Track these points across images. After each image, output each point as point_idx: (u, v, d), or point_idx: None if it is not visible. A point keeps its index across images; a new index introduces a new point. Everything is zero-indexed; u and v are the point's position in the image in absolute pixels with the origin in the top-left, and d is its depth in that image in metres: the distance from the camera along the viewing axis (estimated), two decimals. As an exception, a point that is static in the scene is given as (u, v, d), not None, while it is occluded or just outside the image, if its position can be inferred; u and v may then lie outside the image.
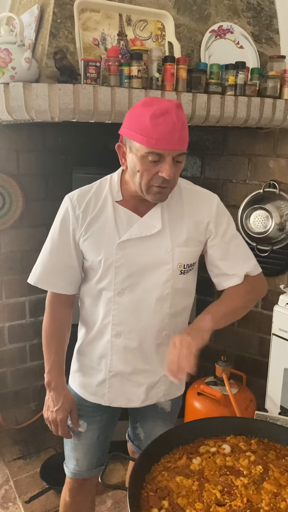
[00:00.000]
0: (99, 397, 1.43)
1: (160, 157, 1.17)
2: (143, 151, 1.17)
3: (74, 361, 1.50)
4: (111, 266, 1.31)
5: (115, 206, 1.33)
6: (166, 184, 1.21)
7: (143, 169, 1.20)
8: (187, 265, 1.35)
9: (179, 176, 1.29)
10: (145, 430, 1.52)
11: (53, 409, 1.41)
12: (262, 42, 2.17)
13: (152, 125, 1.14)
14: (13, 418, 2.60)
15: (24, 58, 1.52)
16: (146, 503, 1.02)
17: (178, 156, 1.20)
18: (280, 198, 2.27)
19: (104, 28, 1.75)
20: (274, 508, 1.02)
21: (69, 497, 1.57)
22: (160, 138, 1.14)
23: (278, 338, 1.99)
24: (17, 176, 2.39)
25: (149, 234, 1.30)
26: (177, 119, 1.16)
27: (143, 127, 1.16)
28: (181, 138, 1.18)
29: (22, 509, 2.09)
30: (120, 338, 1.36)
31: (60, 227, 1.35)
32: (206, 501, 1.03)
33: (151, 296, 1.33)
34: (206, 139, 2.54)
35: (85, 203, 1.33)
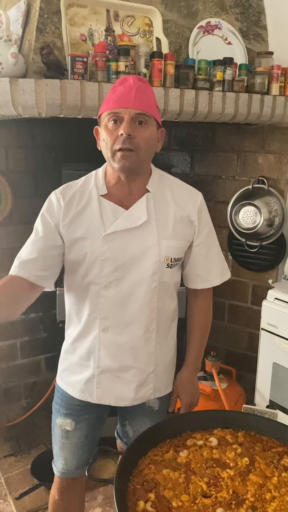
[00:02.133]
0: (88, 394, 1.42)
1: (119, 118, 1.23)
2: (105, 117, 1.25)
3: (62, 360, 1.48)
4: (96, 260, 1.31)
5: (100, 200, 1.33)
6: (127, 144, 1.22)
7: (107, 135, 1.25)
8: (174, 259, 1.36)
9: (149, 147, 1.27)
10: (134, 428, 1.51)
11: None
12: (250, 38, 2.18)
13: (112, 93, 1.26)
14: (4, 415, 2.60)
15: (10, 53, 1.51)
16: (132, 496, 1.03)
17: (138, 116, 1.23)
18: (269, 194, 2.29)
19: (91, 23, 1.75)
20: (259, 499, 1.02)
21: (58, 495, 1.55)
22: (117, 99, 1.23)
23: (267, 332, 2.01)
24: (6, 173, 2.38)
25: (134, 226, 1.30)
26: (134, 83, 1.24)
27: (106, 99, 1.27)
28: (139, 99, 1.23)
29: (12, 506, 2.09)
30: (108, 333, 1.36)
31: (43, 219, 1.34)
32: (192, 493, 1.04)
33: (139, 290, 1.33)
34: (195, 135, 2.55)
35: (69, 196, 1.34)
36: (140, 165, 1.28)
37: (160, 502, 1.01)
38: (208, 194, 2.52)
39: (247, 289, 2.53)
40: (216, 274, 1.45)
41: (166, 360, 1.46)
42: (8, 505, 2.10)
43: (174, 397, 1.51)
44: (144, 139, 1.25)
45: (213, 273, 1.45)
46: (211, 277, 1.45)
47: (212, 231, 1.44)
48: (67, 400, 1.46)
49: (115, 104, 1.23)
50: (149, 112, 1.24)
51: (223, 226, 2.46)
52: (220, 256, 1.47)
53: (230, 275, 1.50)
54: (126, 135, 1.21)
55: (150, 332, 1.38)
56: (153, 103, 1.28)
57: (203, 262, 1.43)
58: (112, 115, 1.24)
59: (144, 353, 1.39)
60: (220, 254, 1.47)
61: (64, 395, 1.46)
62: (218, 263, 1.45)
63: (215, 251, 1.45)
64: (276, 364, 1.99)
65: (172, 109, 1.77)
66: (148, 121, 1.25)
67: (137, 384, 1.40)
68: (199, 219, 1.38)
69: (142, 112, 1.23)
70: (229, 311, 2.62)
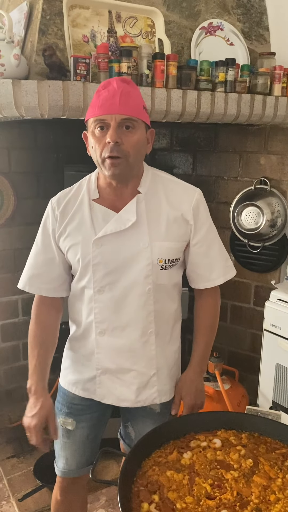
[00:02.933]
0: (91, 392, 1.42)
1: (106, 124, 1.20)
2: (92, 124, 1.23)
3: (64, 359, 1.49)
4: (88, 264, 1.30)
5: (91, 204, 1.32)
6: (116, 152, 1.19)
7: (95, 142, 1.23)
8: (169, 260, 1.32)
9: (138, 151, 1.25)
10: (136, 429, 1.50)
11: (29, 414, 1.35)
12: (252, 39, 2.18)
13: (96, 98, 1.23)
14: (7, 416, 2.60)
15: (13, 55, 1.51)
16: (136, 498, 1.03)
17: (125, 122, 1.20)
18: (271, 195, 2.29)
19: (93, 25, 1.75)
20: (263, 500, 1.02)
21: (60, 495, 1.55)
22: (101, 105, 1.20)
23: (270, 333, 2.00)
24: (8, 174, 2.38)
25: (124, 228, 1.28)
26: (118, 87, 1.21)
27: (91, 104, 1.25)
28: (124, 103, 1.19)
29: (15, 507, 2.09)
30: (105, 336, 1.35)
31: (42, 230, 1.38)
32: (196, 494, 1.04)
33: (133, 293, 1.31)
34: (198, 136, 2.55)
35: (63, 203, 1.34)
36: (130, 170, 1.26)
37: (164, 504, 1.01)
38: (210, 195, 2.52)
39: (249, 290, 2.52)
40: (218, 272, 1.40)
41: (170, 363, 1.44)
42: (11, 506, 2.10)
43: (177, 398, 1.45)
44: (132, 144, 1.22)
45: (215, 272, 1.40)
46: (212, 276, 1.40)
47: (211, 228, 1.39)
48: (68, 400, 1.46)
49: (100, 110, 1.20)
50: (135, 116, 1.21)
51: (225, 227, 2.46)
52: (222, 254, 1.41)
53: (235, 273, 1.45)
54: (113, 142, 1.19)
55: (148, 335, 1.36)
56: (139, 105, 1.24)
57: (204, 261, 1.39)
58: (98, 122, 1.21)
59: (143, 356, 1.37)
60: (222, 251, 1.42)
61: (66, 394, 1.46)
62: (220, 261, 1.40)
63: (216, 249, 1.40)
64: (279, 365, 1.99)
65: (174, 110, 1.77)
66: (136, 125, 1.22)
67: (137, 386, 1.38)
68: (195, 218, 1.34)
69: (129, 117, 1.20)
70: (231, 312, 2.61)
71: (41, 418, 1.35)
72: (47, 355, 1.41)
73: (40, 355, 1.40)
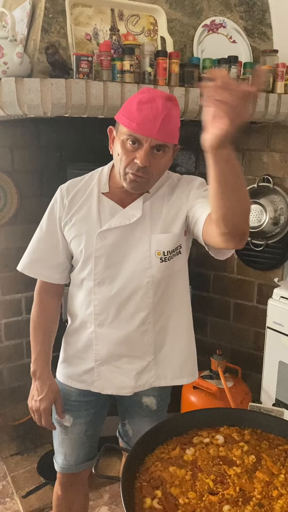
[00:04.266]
0: (88, 384, 1.43)
1: (139, 143, 1.19)
2: (124, 135, 1.20)
3: (61, 354, 1.50)
4: (91, 256, 1.32)
5: (100, 197, 1.34)
6: (141, 173, 1.20)
7: (123, 153, 1.22)
8: (167, 252, 1.32)
9: (162, 171, 1.27)
10: (133, 427, 1.51)
11: (37, 398, 1.41)
12: (255, 37, 2.17)
13: (137, 110, 1.17)
14: (10, 414, 2.61)
15: (16, 53, 1.52)
16: (139, 493, 1.03)
17: (157, 147, 1.20)
18: (274, 193, 2.28)
19: (96, 23, 1.76)
20: (266, 496, 1.02)
21: (61, 491, 1.57)
22: (140, 123, 1.16)
23: (273, 331, 2.00)
24: (11, 172, 2.39)
25: (128, 223, 1.30)
26: (162, 109, 1.16)
27: (130, 111, 1.19)
28: (163, 129, 1.17)
29: (19, 504, 2.10)
30: (104, 328, 1.36)
31: (48, 215, 1.39)
32: (199, 490, 1.04)
33: (131, 286, 1.33)
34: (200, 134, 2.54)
35: (73, 192, 1.36)
36: (148, 187, 1.28)
37: (167, 499, 1.01)
38: (213, 193, 2.52)
39: (252, 288, 2.52)
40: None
41: (173, 350, 1.42)
42: (14, 503, 2.11)
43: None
44: (158, 167, 1.23)
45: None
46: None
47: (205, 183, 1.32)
48: (65, 396, 1.47)
49: (138, 128, 1.16)
50: (170, 142, 1.21)
51: (228, 225, 2.46)
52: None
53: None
54: (142, 166, 1.19)
55: (146, 325, 1.37)
56: (176, 130, 1.22)
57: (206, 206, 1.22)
58: (132, 137, 1.19)
59: (140, 344, 1.39)
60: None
61: (63, 390, 1.47)
62: None
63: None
64: (282, 362, 1.99)
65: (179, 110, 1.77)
66: (167, 150, 1.22)
67: (136, 372, 1.40)
68: (190, 190, 1.32)
69: (164, 144, 1.20)
70: (234, 310, 2.61)
71: (50, 401, 1.41)
72: (50, 340, 1.46)
73: (45, 339, 1.43)
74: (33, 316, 1.45)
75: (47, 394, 1.41)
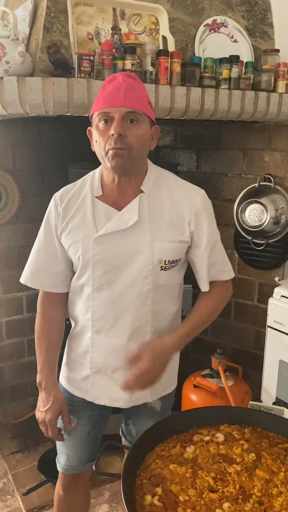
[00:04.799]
0: (84, 392, 1.42)
1: (110, 118, 1.21)
2: (96, 118, 1.24)
3: (64, 356, 1.50)
4: (88, 262, 1.30)
5: (94, 201, 1.32)
6: (119, 144, 1.19)
7: (99, 135, 1.23)
8: (169, 261, 1.31)
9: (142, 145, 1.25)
10: (137, 427, 1.50)
11: (43, 409, 1.39)
12: (256, 36, 2.18)
13: (101, 92, 1.24)
14: (11, 412, 2.62)
15: (18, 52, 1.52)
16: (139, 490, 1.03)
17: (129, 115, 1.21)
18: (275, 192, 2.29)
19: (98, 22, 1.76)
20: (266, 494, 1.03)
21: (63, 491, 1.56)
22: (106, 99, 1.21)
23: (273, 330, 2.01)
24: (13, 171, 2.39)
25: (125, 227, 1.28)
26: (123, 81, 1.22)
27: (96, 99, 1.26)
28: (129, 97, 1.20)
29: (20, 502, 2.11)
30: (101, 335, 1.35)
31: (44, 225, 1.38)
32: (199, 487, 1.04)
33: (131, 292, 1.31)
34: (202, 133, 2.55)
35: (67, 199, 1.34)
36: (132, 163, 1.25)
37: (167, 496, 1.02)
38: (214, 192, 2.53)
39: (253, 287, 2.53)
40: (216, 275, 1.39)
41: None
42: (15, 501, 2.12)
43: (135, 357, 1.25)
44: (136, 138, 1.22)
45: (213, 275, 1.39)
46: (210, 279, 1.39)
47: (212, 232, 1.36)
48: (69, 397, 1.46)
49: (105, 103, 1.20)
50: (140, 109, 1.21)
51: (229, 224, 2.46)
52: (223, 257, 1.40)
53: (233, 276, 1.44)
54: (117, 135, 1.19)
55: (143, 335, 1.35)
56: (144, 100, 1.24)
57: (203, 264, 1.37)
58: (103, 115, 1.21)
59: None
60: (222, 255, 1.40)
61: (66, 391, 1.47)
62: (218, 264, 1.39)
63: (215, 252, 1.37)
64: (282, 361, 1.99)
65: (178, 107, 1.77)
66: (140, 119, 1.22)
67: None
68: (197, 221, 1.32)
69: (133, 110, 1.20)
70: (235, 309, 2.62)
71: (56, 412, 1.39)
72: (55, 350, 1.44)
73: (49, 349, 1.42)
74: (36, 327, 1.43)
75: (52, 405, 1.39)
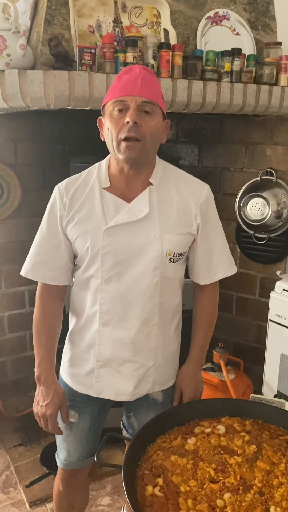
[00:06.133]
0: (88, 387, 1.42)
1: (125, 106, 1.21)
2: (111, 106, 1.24)
3: (65, 351, 1.48)
4: (98, 253, 1.29)
5: (102, 193, 1.32)
6: (133, 132, 1.19)
7: (111, 123, 1.23)
8: (177, 253, 1.33)
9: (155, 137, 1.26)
10: (138, 420, 1.50)
11: (43, 403, 1.38)
12: (259, 29, 2.16)
13: (117, 81, 1.25)
14: (14, 406, 2.63)
15: (19, 45, 1.52)
16: (141, 481, 1.04)
17: (144, 105, 1.21)
18: (277, 186, 2.28)
19: (99, 15, 1.75)
20: (266, 485, 1.03)
21: (62, 487, 1.56)
22: (122, 88, 1.22)
23: (275, 324, 2.01)
24: (15, 166, 2.39)
25: (136, 219, 1.28)
26: (140, 73, 1.23)
27: (111, 88, 1.26)
28: (145, 87, 1.21)
29: (22, 494, 2.12)
30: (108, 327, 1.35)
31: (48, 216, 1.36)
32: (200, 478, 1.05)
33: (140, 284, 1.31)
34: (203, 127, 2.54)
35: (72, 190, 1.33)
36: (145, 155, 1.25)
37: (168, 487, 1.03)
38: (216, 186, 2.52)
39: (255, 282, 2.53)
40: (218, 269, 1.42)
41: (168, 354, 1.44)
42: (18, 493, 2.14)
43: (177, 392, 1.49)
44: (150, 129, 1.22)
45: (216, 269, 1.41)
46: (212, 273, 1.42)
47: (216, 225, 1.40)
48: (70, 392, 1.45)
49: (121, 92, 1.21)
50: (155, 100, 1.23)
51: (231, 218, 2.46)
52: (225, 251, 1.43)
53: (236, 270, 1.46)
54: (132, 123, 1.19)
55: (151, 327, 1.36)
56: (159, 93, 1.26)
57: (206, 258, 1.40)
58: (118, 103, 1.21)
59: (144, 348, 1.37)
60: (224, 248, 1.42)
61: (67, 386, 1.46)
62: (222, 258, 1.41)
63: (219, 246, 1.41)
64: (284, 355, 1.99)
65: (180, 100, 1.77)
66: (154, 110, 1.23)
67: (137, 379, 1.39)
68: (202, 214, 1.35)
69: (149, 101, 1.21)
70: (237, 303, 2.62)
71: (55, 406, 1.39)
72: (54, 343, 1.43)
73: (48, 343, 1.41)
74: (35, 320, 1.42)
75: (52, 399, 1.38)
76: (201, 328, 1.49)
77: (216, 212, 1.41)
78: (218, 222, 1.41)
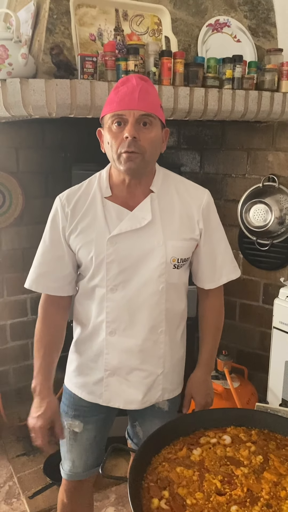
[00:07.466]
0: (97, 396, 1.40)
1: (124, 121, 1.21)
2: (109, 120, 1.23)
3: (70, 361, 1.47)
4: (102, 262, 1.29)
5: (104, 202, 1.31)
6: (133, 147, 1.19)
7: (111, 137, 1.23)
8: (181, 259, 1.33)
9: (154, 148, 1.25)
10: (144, 429, 1.49)
11: (34, 415, 1.33)
12: (259, 36, 2.17)
13: (114, 94, 1.24)
14: (16, 415, 2.61)
15: (20, 54, 1.52)
16: (146, 493, 1.03)
17: (143, 118, 1.21)
18: (280, 192, 2.28)
19: (100, 23, 1.76)
20: (274, 496, 1.02)
21: (66, 498, 1.54)
22: (120, 101, 1.21)
23: (279, 331, 1.99)
24: (16, 173, 2.40)
25: (139, 226, 1.28)
26: (137, 84, 1.22)
27: (109, 100, 1.25)
28: (143, 100, 1.20)
29: (26, 505, 2.10)
30: (115, 336, 1.34)
31: (50, 227, 1.36)
32: (207, 490, 1.03)
33: (146, 292, 1.31)
34: (205, 134, 2.54)
35: (74, 201, 1.33)
36: (145, 166, 1.26)
37: (174, 499, 1.01)
38: (218, 193, 2.52)
39: (258, 288, 2.51)
40: (222, 273, 1.42)
41: (175, 361, 1.43)
42: (21, 504, 2.11)
43: (187, 398, 1.48)
44: (149, 141, 1.22)
45: (220, 273, 1.42)
46: (216, 277, 1.42)
47: (218, 229, 1.40)
48: (75, 401, 1.44)
49: (119, 105, 1.20)
50: (153, 112, 1.22)
51: (233, 224, 2.45)
52: (228, 255, 1.43)
53: (240, 274, 1.46)
54: (131, 138, 1.19)
55: (158, 334, 1.35)
56: (157, 103, 1.25)
57: (210, 262, 1.40)
58: (116, 117, 1.21)
59: (153, 355, 1.36)
60: (228, 252, 1.43)
61: (72, 396, 1.45)
62: (225, 262, 1.42)
63: (222, 250, 1.41)
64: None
65: (182, 108, 1.77)
66: (153, 122, 1.23)
67: (146, 387, 1.38)
68: (204, 219, 1.35)
69: (147, 113, 1.20)
70: (240, 310, 2.60)
71: (46, 419, 1.34)
72: (53, 356, 1.40)
73: (46, 355, 1.39)
74: (37, 330, 1.40)
75: (45, 411, 1.33)
76: (209, 332, 1.48)
77: (218, 216, 1.41)
78: (220, 226, 1.42)
